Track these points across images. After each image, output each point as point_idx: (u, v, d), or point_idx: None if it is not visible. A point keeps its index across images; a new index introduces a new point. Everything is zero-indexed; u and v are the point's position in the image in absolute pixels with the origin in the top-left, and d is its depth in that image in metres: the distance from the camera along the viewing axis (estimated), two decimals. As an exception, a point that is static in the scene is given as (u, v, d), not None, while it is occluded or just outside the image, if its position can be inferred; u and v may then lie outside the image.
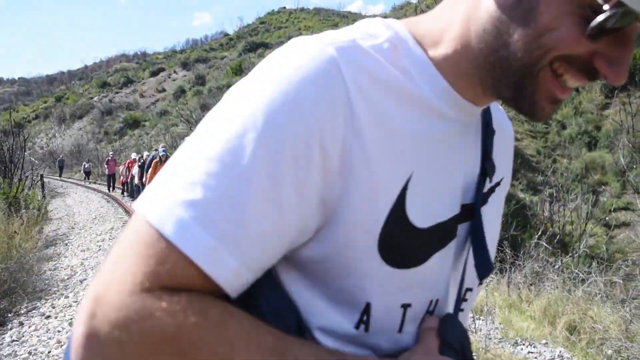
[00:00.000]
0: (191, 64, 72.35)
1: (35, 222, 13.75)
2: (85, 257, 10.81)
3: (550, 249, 11.70)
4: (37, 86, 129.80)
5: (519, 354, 5.06)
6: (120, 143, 51.48)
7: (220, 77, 56.25)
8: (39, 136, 67.04)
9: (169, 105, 56.25)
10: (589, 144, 19.93)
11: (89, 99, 73.89)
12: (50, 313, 6.97)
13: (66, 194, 29.30)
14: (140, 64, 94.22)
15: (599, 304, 6.16)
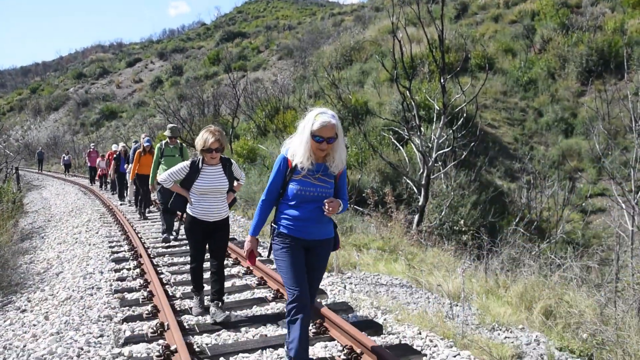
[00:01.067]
0: (168, 54, 71.66)
1: (10, 215, 13.55)
2: (62, 249, 10.69)
3: (528, 235, 11.81)
4: (11, 78, 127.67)
5: (496, 340, 5.10)
6: (97, 134, 50.90)
7: (198, 67, 55.81)
8: (14, 128, 65.98)
9: (146, 96, 55.78)
10: (565, 131, 20.11)
11: (65, 91, 72.93)
12: (25, 307, 6.89)
13: (42, 186, 28.94)
14: (117, 54, 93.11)
15: (575, 289, 6.23)
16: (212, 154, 5.66)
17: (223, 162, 5.93)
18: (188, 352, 4.59)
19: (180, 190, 5.87)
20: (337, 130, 3.89)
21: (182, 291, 7.06)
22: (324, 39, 40.74)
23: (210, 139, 5.57)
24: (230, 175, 5.98)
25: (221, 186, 5.85)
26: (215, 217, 5.84)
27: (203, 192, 5.74)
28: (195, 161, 5.83)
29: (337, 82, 21.01)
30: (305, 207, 3.99)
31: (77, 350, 5.05)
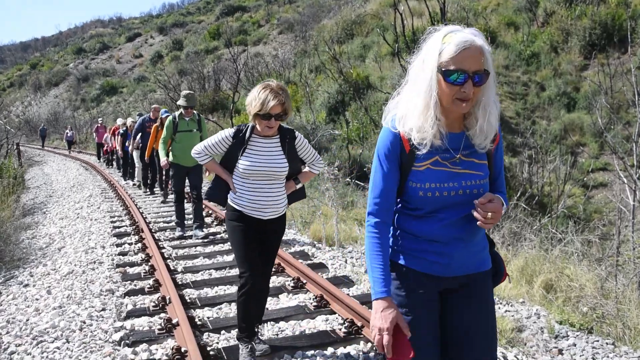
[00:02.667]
0: (168, 28, 71.04)
1: (11, 191, 13.56)
2: (64, 225, 10.72)
3: (529, 209, 11.81)
4: (10, 53, 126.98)
5: (496, 313, 5.12)
6: (98, 110, 50.77)
7: (198, 42, 55.40)
8: (14, 104, 65.80)
9: (147, 71, 55.48)
10: (567, 105, 19.97)
11: (65, 66, 72.55)
12: (28, 281, 6.93)
13: (44, 162, 28.96)
14: (116, 29, 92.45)
15: (576, 263, 6.23)
16: (269, 122, 3.92)
17: (282, 135, 4.13)
18: (190, 325, 4.62)
19: (218, 171, 4.17)
20: (485, 59, 2.15)
21: (184, 265, 7.08)
22: (325, 12, 40.33)
23: (271, 100, 3.81)
24: (292, 155, 4.16)
25: (276, 168, 4.05)
26: (268, 214, 4.10)
27: (249, 175, 4.02)
28: (241, 129, 4.08)
29: (338, 56, 20.87)
30: (444, 219, 2.24)
31: (79, 323, 5.08)
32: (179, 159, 8.44)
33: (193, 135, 8.44)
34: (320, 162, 4.39)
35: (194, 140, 8.09)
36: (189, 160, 8.14)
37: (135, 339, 4.65)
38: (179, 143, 8.42)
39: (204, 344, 4.49)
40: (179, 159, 8.44)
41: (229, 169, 4.13)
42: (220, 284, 6.20)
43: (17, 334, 5.00)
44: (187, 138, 8.40)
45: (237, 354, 4.24)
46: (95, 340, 4.72)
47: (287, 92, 3.93)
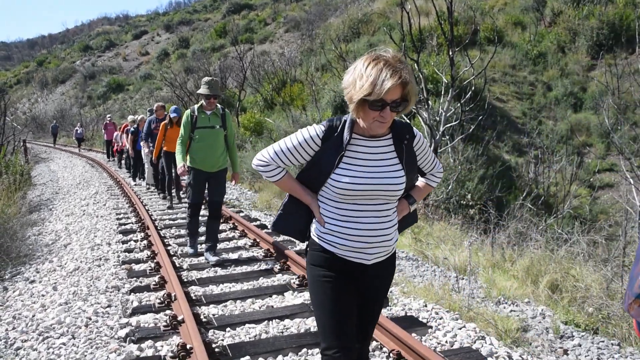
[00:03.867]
0: (174, 26, 71.14)
1: (18, 188, 13.61)
2: (70, 221, 10.75)
3: (535, 210, 11.78)
4: (17, 50, 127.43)
5: (502, 313, 5.12)
6: (104, 107, 50.88)
7: (204, 40, 55.45)
8: (21, 101, 66.04)
9: (153, 69, 55.52)
10: (574, 105, 19.92)
11: (71, 63, 72.72)
12: (34, 278, 6.95)
13: (50, 159, 29.04)
14: (123, 26, 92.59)
15: (581, 264, 6.22)
16: (382, 114, 2.48)
17: (397, 133, 2.71)
18: (195, 322, 4.63)
19: (297, 191, 2.80)
20: None
21: (189, 262, 7.10)
22: (332, 11, 40.32)
23: (388, 79, 2.40)
24: (410, 163, 2.73)
25: (391, 185, 2.63)
26: (374, 255, 2.70)
27: (348, 198, 2.62)
28: (334, 125, 2.68)
29: (344, 55, 20.83)
30: None
31: (85, 320, 5.10)
32: (197, 163, 6.88)
33: (216, 133, 6.89)
34: (440, 170, 2.99)
35: (216, 139, 6.88)
36: (210, 164, 6.90)
37: (140, 335, 4.66)
38: (199, 142, 6.85)
39: (209, 341, 4.50)
40: (197, 163, 6.88)
41: (313, 188, 2.77)
42: (225, 281, 6.21)
43: (23, 329, 5.02)
44: (208, 136, 6.86)
45: (242, 351, 4.25)
46: (101, 337, 4.74)
47: (409, 67, 2.51)
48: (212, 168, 6.93)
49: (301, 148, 2.67)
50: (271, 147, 2.77)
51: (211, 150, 6.88)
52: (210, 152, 6.88)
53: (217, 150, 6.92)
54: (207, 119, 6.89)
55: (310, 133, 2.66)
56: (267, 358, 4.22)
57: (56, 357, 4.37)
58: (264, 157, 2.76)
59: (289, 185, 2.81)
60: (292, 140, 2.70)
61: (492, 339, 4.47)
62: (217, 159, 6.95)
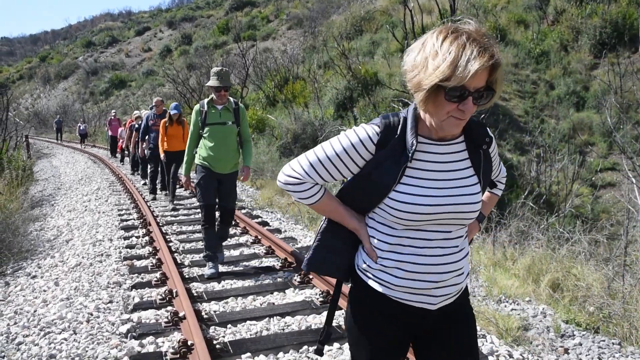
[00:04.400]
0: (177, 22, 71.14)
1: (20, 183, 13.63)
2: (72, 217, 10.77)
3: (536, 208, 11.77)
4: (20, 46, 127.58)
5: (503, 311, 5.12)
6: (107, 103, 50.89)
7: (207, 36, 55.43)
8: (23, 97, 66.07)
9: (155, 65, 55.55)
10: (577, 104, 19.89)
11: (74, 59, 72.73)
12: (36, 273, 6.96)
13: (52, 155, 29.07)
14: (126, 23, 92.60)
15: (583, 263, 6.22)
16: (463, 107, 1.79)
17: (471, 133, 2.02)
18: (196, 318, 4.63)
19: (340, 214, 2.10)
20: None
21: (191, 259, 7.11)
22: (334, 8, 40.26)
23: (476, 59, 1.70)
24: (486, 173, 2.08)
25: (466, 205, 1.97)
26: (442, 296, 2.03)
27: (413, 223, 1.94)
28: (392, 124, 1.97)
29: (347, 52, 20.83)
30: None
31: (86, 315, 5.11)
32: (208, 162, 6.22)
33: (228, 130, 6.25)
34: (505, 174, 2.42)
35: (228, 136, 6.25)
36: (222, 165, 6.26)
37: (142, 331, 4.67)
38: (209, 140, 6.20)
39: (210, 337, 4.51)
40: (208, 162, 6.22)
41: (361, 209, 2.08)
42: (227, 278, 6.22)
43: (25, 324, 5.03)
44: (219, 134, 6.21)
45: (243, 348, 4.26)
46: (102, 332, 4.75)
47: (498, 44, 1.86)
48: (223, 169, 6.27)
49: (347, 157, 1.96)
50: (303, 157, 2.04)
51: (222, 149, 6.20)
52: (222, 151, 6.20)
53: (229, 149, 6.26)
54: (217, 114, 6.21)
55: (359, 135, 1.96)
56: (268, 355, 4.23)
57: (57, 353, 4.38)
58: (296, 172, 2.03)
59: (330, 207, 2.09)
60: (334, 147, 1.98)
61: (493, 338, 4.47)
62: (229, 160, 6.28)
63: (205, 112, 6.22)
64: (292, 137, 17.82)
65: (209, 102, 6.26)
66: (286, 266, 6.55)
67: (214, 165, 6.22)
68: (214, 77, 6.14)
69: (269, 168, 14.49)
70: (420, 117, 1.95)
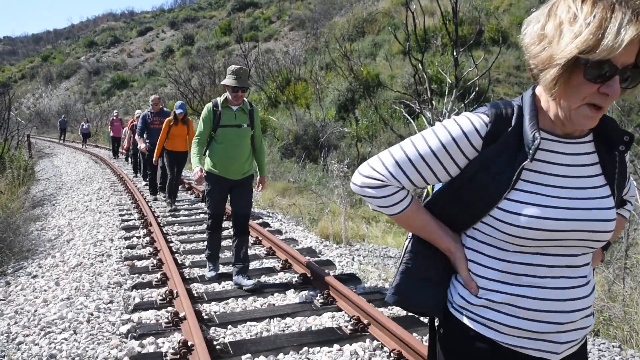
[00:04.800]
0: (179, 23, 71.24)
1: (21, 182, 13.64)
2: (73, 217, 10.78)
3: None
4: (22, 45, 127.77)
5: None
6: (109, 103, 50.96)
7: (209, 37, 55.52)
8: (25, 96, 66.17)
9: (157, 65, 55.63)
10: (578, 107, 19.90)
11: (76, 59, 72.86)
12: (37, 272, 6.97)
13: (54, 154, 29.10)
14: (128, 23, 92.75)
15: (583, 265, 6.21)
16: (603, 89, 1.35)
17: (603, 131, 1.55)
18: (196, 319, 4.64)
19: (431, 230, 1.62)
20: None
21: (192, 260, 7.11)
22: (337, 10, 40.29)
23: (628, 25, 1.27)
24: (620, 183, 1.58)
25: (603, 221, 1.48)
26: (567, 344, 1.53)
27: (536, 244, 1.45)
28: (501, 113, 1.51)
29: (349, 54, 20.82)
30: None
31: (87, 315, 5.12)
32: (219, 168, 5.70)
33: (242, 134, 5.71)
34: (634, 192, 1.86)
35: (242, 140, 5.72)
36: (235, 171, 5.73)
37: (142, 331, 4.68)
38: (221, 144, 5.66)
39: (210, 338, 4.51)
40: (219, 168, 5.70)
41: (457, 225, 1.64)
42: (227, 279, 6.22)
43: (25, 324, 5.04)
44: (233, 137, 5.67)
45: (243, 349, 4.26)
46: (103, 332, 4.75)
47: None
48: (236, 175, 5.74)
49: (445, 154, 1.53)
50: (387, 154, 1.61)
51: (236, 153, 5.68)
52: (235, 156, 5.67)
53: (243, 154, 5.72)
54: (232, 115, 5.67)
55: (463, 127, 1.52)
56: (268, 356, 4.23)
57: (58, 352, 4.39)
58: (377, 173, 1.59)
59: (418, 220, 1.64)
60: (429, 141, 1.56)
61: (493, 340, 4.46)
62: (242, 165, 5.74)
63: (220, 112, 5.64)
64: (293, 139, 17.84)
65: (223, 102, 5.67)
66: (287, 267, 6.55)
67: (227, 172, 5.68)
68: (231, 75, 5.56)
69: (270, 169, 14.50)
70: (540, 105, 1.51)
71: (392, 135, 15.91)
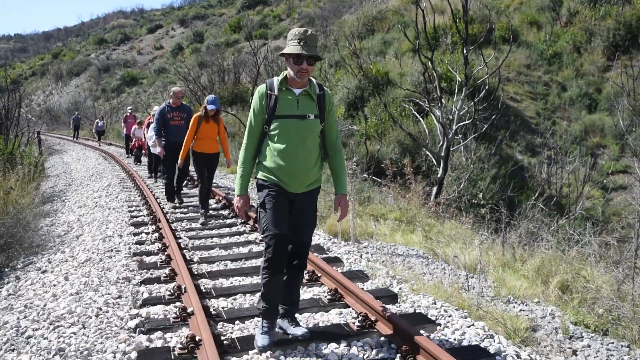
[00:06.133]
0: (189, 20, 71.37)
1: (31, 179, 13.72)
2: (82, 213, 10.83)
3: (547, 210, 11.72)
4: (33, 43, 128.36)
5: (511, 312, 5.10)
6: (118, 100, 51.14)
7: (219, 35, 55.58)
8: (35, 93, 66.54)
9: (167, 63, 55.74)
10: (589, 106, 19.79)
11: (86, 56, 73.17)
12: (46, 268, 7.01)
13: (63, 151, 29.23)
14: (138, 20, 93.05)
15: (593, 265, 6.19)
16: None
17: None
18: (205, 314, 4.65)
19: None
20: None
21: (200, 256, 7.13)
22: (346, 7, 40.24)
23: None
24: None
25: None
26: None
27: None
28: None
29: (358, 51, 20.80)
30: None
31: (95, 310, 5.14)
32: (277, 175, 4.11)
33: (308, 127, 4.10)
34: None
35: (309, 136, 4.11)
36: (298, 179, 4.12)
37: (150, 326, 4.69)
38: (277, 142, 4.09)
39: (218, 333, 4.51)
40: (277, 175, 4.11)
41: None
42: (235, 275, 6.23)
43: (35, 318, 5.07)
44: (294, 132, 4.07)
45: (250, 344, 4.26)
46: (111, 327, 4.77)
47: None
48: (299, 187, 4.13)
49: None
50: None
51: (300, 156, 4.07)
52: (299, 159, 4.06)
53: (310, 156, 4.11)
54: (294, 102, 4.08)
55: None
56: (275, 352, 4.23)
57: (66, 346, 4.41)
58: None
59: None
60: None
61: (501, 338, 4.46)
62: (308, 172, 4.12)
63: (276, 96, 4.07)
64: (302, 136, 17.81)
65: (281, 83, 4.09)
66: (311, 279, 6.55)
67: (287, 181, 4.08)
68: (294, 40, 3.98)
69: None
70: None
71: (401, 133, 15.89)
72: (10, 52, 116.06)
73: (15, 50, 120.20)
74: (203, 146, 9.13)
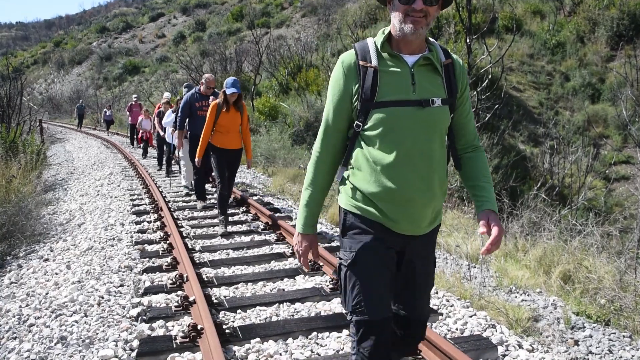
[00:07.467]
0: (191, 9, 71.07)
1: (33, 167, 13.72)
2: (84, 201, 10.83)
3: (549, 200, 11.70)
4: (35, 31, 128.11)
5: (513, 302, 5.10)
6: (120, 89, 51.07)
7: (221, 23, 55.38)
8: (37, 82, 66.44)
9: (169, 51, 55.59)
10: (592, 96, 19.70)
11: (88, 45, 72.99)
12: (48, 256, 7.02)
13: (65, 139, 29.23)
14: (140, 9, 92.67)
15: (595, 255, 6.17)
16: None
17: None
18: (206, 303, 4.65)
19: None
20: None
21: (202, 244, 7.13)
22: (349, -4, 40.07)
23: None
24: None
25: None
26: None
27: None
28: None
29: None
30: None
31: (97, 298, 5.14)
32: (378, 208, 2.42)
33: (432, 120, 2.39)
34: None
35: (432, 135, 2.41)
36: (416, 214, 2.43)
37: (152, 315, 4.70)
38: (381, 149, 2.38)
39: (219, 322, 4.52)
40: (378, 208, 2.42)
41: None
42: (237, 264, 6.24)
43: (37, 306, 5.08)
44: (409, 130, 2.35)
45: (252, 333, 4.27)
46: (113, 315, 4.78)
47: None
48: (415, 227, 2.47)
49: None
50: None
51: (420, 170, 2.39)
52: (418, 176, 2.39)
53: (436, 171, 2.44)
54: (406, 76, 2.39)
55: None
56: (277, 340, 4.24)
57: (68, 334, 4.42)
58: None
59: None
60: None
61: (503, 328, 4.46)
62: (432, 199, 2.45)
63: (375, 70, 2.39)
64: (304, 125, 17.80)
65: (382, 46, 2.44)
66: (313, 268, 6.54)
67: (395, 217, 2.42)
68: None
69: (281, 155, 14.49)
70: None
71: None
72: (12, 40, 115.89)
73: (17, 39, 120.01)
74: (223, 141, 7.55)
